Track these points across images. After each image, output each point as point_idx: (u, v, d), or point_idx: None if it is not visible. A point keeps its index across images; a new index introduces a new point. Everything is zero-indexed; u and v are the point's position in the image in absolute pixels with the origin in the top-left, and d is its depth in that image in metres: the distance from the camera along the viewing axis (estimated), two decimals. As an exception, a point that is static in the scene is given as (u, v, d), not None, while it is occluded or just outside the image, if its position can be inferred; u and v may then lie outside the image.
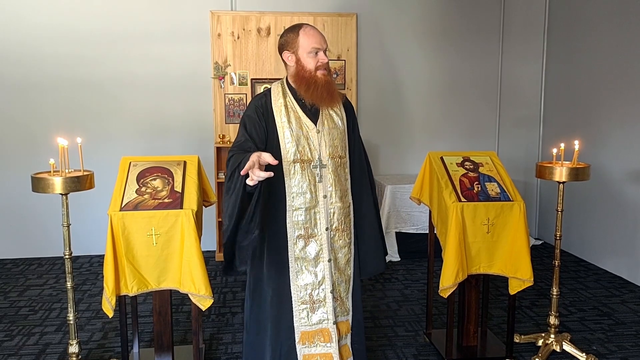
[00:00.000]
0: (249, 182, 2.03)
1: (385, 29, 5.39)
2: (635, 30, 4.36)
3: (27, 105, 4.98)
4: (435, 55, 5.51)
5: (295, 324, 2.44)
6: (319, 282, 2.43)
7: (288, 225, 2.39)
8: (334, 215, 2.43)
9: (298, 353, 2.46)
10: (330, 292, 2.44)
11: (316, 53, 2.34)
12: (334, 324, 2.46)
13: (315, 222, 2.41)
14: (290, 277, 2.43)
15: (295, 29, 2.39)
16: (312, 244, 2.42)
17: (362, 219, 2.55)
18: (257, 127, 2.36)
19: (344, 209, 2.47)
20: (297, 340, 2.45)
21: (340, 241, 2.47)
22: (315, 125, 2.40)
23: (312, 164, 2.39)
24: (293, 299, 2.43)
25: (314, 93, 2.34)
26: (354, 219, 2.53)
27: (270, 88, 2.47)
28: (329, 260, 2.43)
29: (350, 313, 2.54)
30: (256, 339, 2.49)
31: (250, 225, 2.24)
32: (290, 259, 2.42)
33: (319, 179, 2.40)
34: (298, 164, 2.37)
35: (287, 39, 2.39)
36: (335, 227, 2.44)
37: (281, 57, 2.43)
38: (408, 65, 5.48)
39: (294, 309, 2.43)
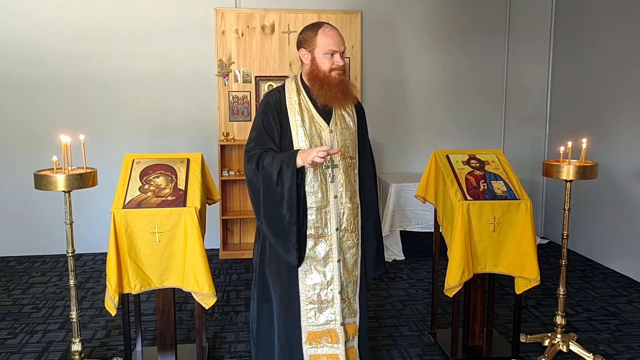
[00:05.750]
0: (321, 156, 2.14)
1: (391, 26, 5.36)
2: (643, 27, 4.32)
3: (30, 103, 4.97)
4: (441, 53, 5.47)
5: (302, 324, 2.44)
6: (327, 282, 2.42)
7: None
8: (343, 215, 2.43)
9: (304, 353, 2.45)
10: (339, 293, 2.43)
11: (332, 55, 2.33)
12: (341, 325, 2.45)
13: (325, 222, 2.40)
14: (299, 277, 2.42)
15: (314, 27, 2.37)
16: (321, 243, 2.41)
17: (366, 221, 2.56)
18: (272, 122, 2.37)
19: (353, 210, 2.47)
20: (303, 340, 2.44)
21: (349, 242, 2.47)
22: (328, 124, 2.40)
23: (325, 163, 2.36)
24: (301, 298, 2.42)
25: (328, 93, 2.33)
26: (360, 221, 2.54)
27: (284, 84, 2.46)
28: (338, 261, 2.43)
29: (358, 315, 2.54)
30: (266, 337, 2.50)
31: (305, 212, 2.34)
32: None
33: (331, 179, 2.39)
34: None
35: (306, 37, 2.38)
36: (345, 228, 2.44)
37: (298, 53, 2.43)
38: (413, 63, 5.45)
39: (301, 309, 2.42)
